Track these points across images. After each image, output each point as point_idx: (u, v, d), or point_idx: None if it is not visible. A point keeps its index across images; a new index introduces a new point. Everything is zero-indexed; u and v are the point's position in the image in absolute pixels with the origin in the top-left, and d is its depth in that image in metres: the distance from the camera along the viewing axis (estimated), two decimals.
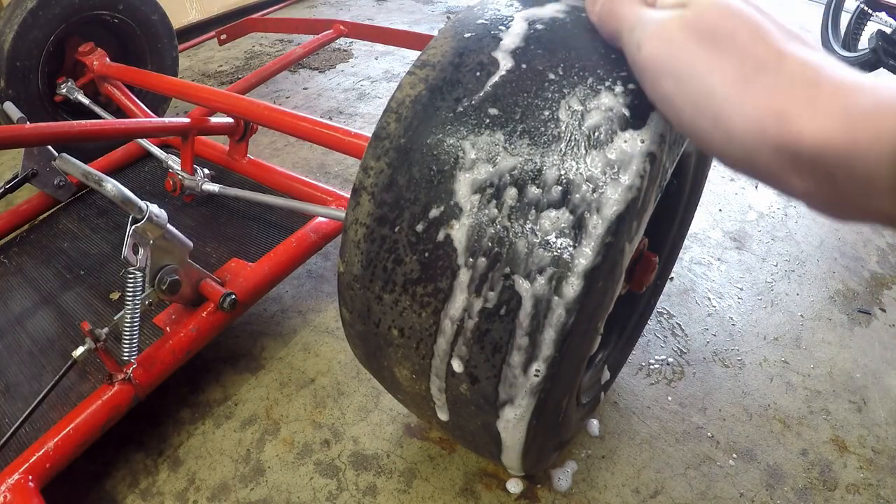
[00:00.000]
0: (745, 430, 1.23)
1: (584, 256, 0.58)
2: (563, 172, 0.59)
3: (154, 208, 0.99)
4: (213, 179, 1.56)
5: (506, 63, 0.66)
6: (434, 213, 0.64)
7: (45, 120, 1.85)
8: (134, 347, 1.03)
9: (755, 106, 0.40)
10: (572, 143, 0.60)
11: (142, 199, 0.99)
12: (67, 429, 0.99)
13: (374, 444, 1.19)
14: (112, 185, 0.96)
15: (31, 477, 0.94)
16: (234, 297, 1.16)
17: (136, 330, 1.03)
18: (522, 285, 0.60)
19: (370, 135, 0.71)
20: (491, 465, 1.14)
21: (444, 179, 0.64)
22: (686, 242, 1.74)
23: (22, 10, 1.72)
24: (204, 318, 1.17)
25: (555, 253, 0.59)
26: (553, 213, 0.59)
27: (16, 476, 0.93)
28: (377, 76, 2.79)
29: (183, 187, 1.51)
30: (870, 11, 3.15)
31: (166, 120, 1.59)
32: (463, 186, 0.63)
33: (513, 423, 0.69)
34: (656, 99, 0.50)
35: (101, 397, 1.03)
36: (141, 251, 1.01)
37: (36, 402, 1.00)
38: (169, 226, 1.02)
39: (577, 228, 0.58)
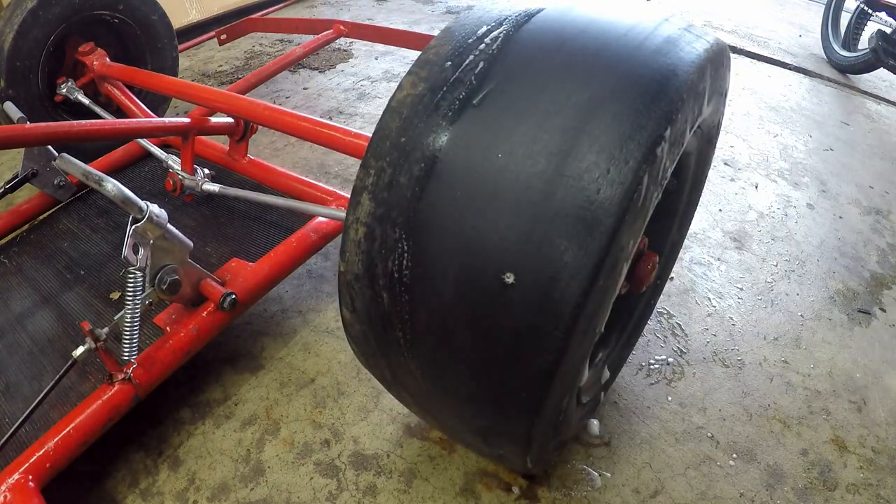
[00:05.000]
0: (745, 430, 1.23)
1: (587, 254, 0.58)
2: (562, 171, 0.59)
3: (154, 208, 0.99)
4: (213, 179, 1.56)
5: (506, 63, 0.66)
6: None
7: (45, 120, 1.84)
8: (134, 347, 1.03)
9: None
10: (571, 142, 0.60)
11: (142, 199, 0.99)
12: (67, 429, 0.99)
13: (374, 444, 1.19)
14: (112, 185, 0.96)
15: (31, 477, 0.94)
16: (234, 296, 1.16)
17: (136, 330, 1.02)
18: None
19: (370, 135, 0.71)
20: (491, 465, 1.14)
21: None
22: (686, 242, 1.74)
23: (22, 10, 1.72)
24: (204, 318, 1.17)
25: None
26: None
27: (16, 476, 0.93)
28: (377, 76, 2.79)
29: (183, 187, 1.51)
30: (870, 11, 3.15)
31: (166, 120, 1.59)
32: None
33: None
34: None
35: (101, 397, 1.03)
36: (141, 251, 1.01)
37: (36, 402, 1.00)
38: (169, 226, 1.02)
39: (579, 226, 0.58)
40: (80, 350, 1.00)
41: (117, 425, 1.07)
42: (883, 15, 3.06)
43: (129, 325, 1.02)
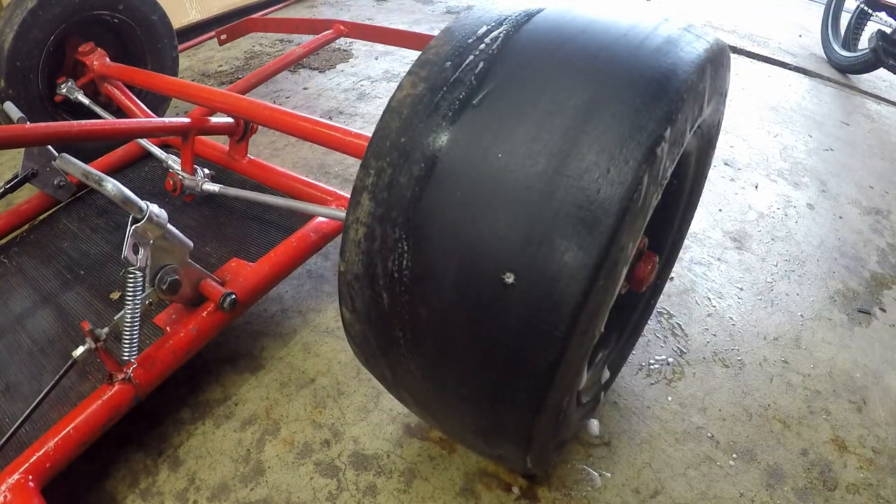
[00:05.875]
0: (745, 430, 1.23)
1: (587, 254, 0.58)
2: (562, 171, 0.59)
3: (154, 208, 0.99)
4: (213, 179, 1.56)
5: (506, 63, 0.66)
6: None
7: (45, 120, 1.84)
8: (134, 347, 1.03)
9: None
10: (571, 142, 0.60)
11: (142, 199, 0.99)
12: (67, 429, 0.99)
13: (374, 444, 1.19)
14: (112, 185, 0.96)
15: (31, 477, 0.94)
16: (234, 296, 1.16)
17: (136, 330, 1.02)
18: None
19: (370, 135, 0.71)
20: (491, 465, 1.14)
21: None
22: (686, 242, 1.74)
23: (22, 10, 1.72)
24: (204, 318, 1.17)
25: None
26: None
27: (16, 476, 0.93)
28: (377, 76, 2.79)
29: (183, 187, 1.51)
30: (870, 11, 3.15)
31: (166, 120, 1.59)
32: None
33: None
34: None
35: (101, 397, 1.03)
36: (141, 251, 1.01)
37: (36, 401, 1.00)
38: (169, 226, 1.02)
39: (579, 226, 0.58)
40: (80, 350, 1.00)
41: (117, 425, 1.07)
42: (883, 15, 3.06)
43: (129, 325, 1.02)
